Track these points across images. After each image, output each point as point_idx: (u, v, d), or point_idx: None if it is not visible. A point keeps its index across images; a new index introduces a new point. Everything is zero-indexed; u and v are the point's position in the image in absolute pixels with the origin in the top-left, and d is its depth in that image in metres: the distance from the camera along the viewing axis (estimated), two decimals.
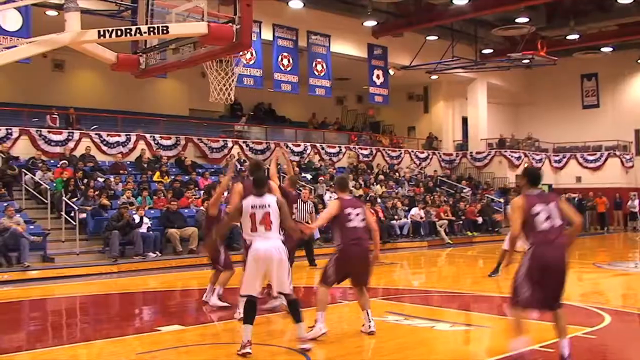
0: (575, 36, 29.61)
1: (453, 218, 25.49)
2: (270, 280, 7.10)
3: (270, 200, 7.06)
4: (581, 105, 36.66)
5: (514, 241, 6.87)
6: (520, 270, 6.66)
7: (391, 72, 29.00)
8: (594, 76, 36.11)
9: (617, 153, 33.50)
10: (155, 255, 17.27)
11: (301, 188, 18.25)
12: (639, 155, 34.46)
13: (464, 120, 35.22)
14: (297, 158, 26.39)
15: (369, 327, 7.93)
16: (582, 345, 7.68)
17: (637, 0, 24.91)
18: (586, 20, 28.91)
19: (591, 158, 33.98)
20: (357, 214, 7.77)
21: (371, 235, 7.89)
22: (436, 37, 29.30)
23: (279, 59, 24.40)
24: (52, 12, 18.53)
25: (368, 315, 7.97)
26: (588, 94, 36.55)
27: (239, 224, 7.50)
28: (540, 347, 7.16)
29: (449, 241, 24.03)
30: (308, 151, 27.41)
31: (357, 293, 8.00)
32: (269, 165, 11.53)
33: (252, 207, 7.00)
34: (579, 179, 33.84)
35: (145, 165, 21.79)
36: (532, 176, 6.83)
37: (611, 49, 32.44)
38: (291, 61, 24.65)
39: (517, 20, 27.48)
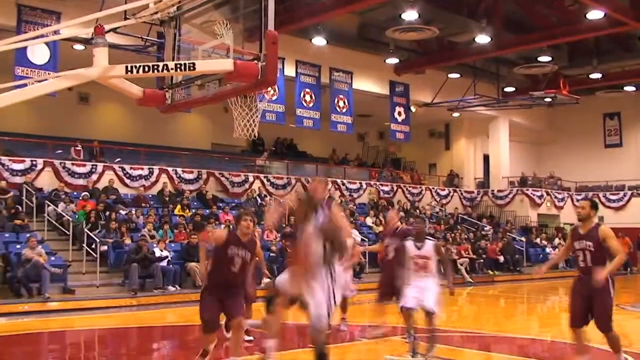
0: (598, 75, 29.54)
1: (474, 256, 25.28)
2: None
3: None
4: (604, 144, 36.45)
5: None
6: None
7: (413, 109, 29.08)
8: (616, 115, 35.96)
9: None
10: (174, 288, 17.27)
11: None
12: None
13: (486, 158, 35.13)
14: None
15: None
16: None
17: None
18: (609, 59, 28.90)
19: (614, 197, 33.66)
20: None
21: None
22: (458, 75, 29.38)
23: (302, 95, 24.56)
24: (79, 47, 18.83)
25: None
26: (611, 133, 36.36)
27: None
28: None
29: (470, 280, 23.82)
30: (329, 187, 27.38)
31: None
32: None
33: None
34: (601, 219, 33.45)
35: (167, 199, 21.91)
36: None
37: (634, 88, 32.32)
38: (313, 97, 24.80)
39: (539, 59, 27.51)
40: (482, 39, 24.42)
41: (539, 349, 9.87)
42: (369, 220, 25.76)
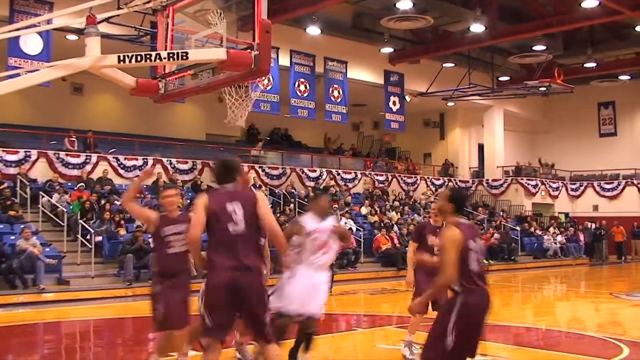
0: (593, 64, 29.56)
1: None
2: None
3: None
4: (598, 134, 36.48)
5: None
6: None
7: (407, 98, 29.04)
8: (611, 104, 35.97)
9: (635, 181, 33.20)
10: None
11: None
12: None
13: (480, 147, 35.14)
14: (312, 183, 26.41)
15: None
16: None
17: None
18: (603, 48, 28.92)
19: (608, 186, 33.73)
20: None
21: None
22: (453, 64, 29.35)
23: (296, 85, 24.50)
24: (72, 37, 18.72)
25: None
26: (605, 122, 36.39)
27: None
28: None
29: None
30: (324, 177, 27.42)
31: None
32: None
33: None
34: (595, 208, 33.59)
35: (162, 189, 21.85)
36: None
37: (629, 77, 32.33)
38: (308, 87, 24.74)
39: (534, 48, 27.50)
40: (477, 28, 24.38)
41: (534, 338, 9.89)
42: (364, 210, 25.77)
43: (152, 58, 6.56)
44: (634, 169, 33.68)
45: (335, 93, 25.56)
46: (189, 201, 21.39)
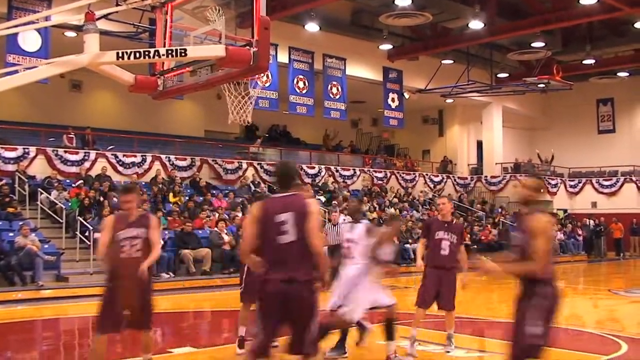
0: (591, 61, 29.58)
1: (469, 242, 25.30)
2: None
3: None
4: (597, 130, 36.53)
5: None
6: None
7: (406, 95, 29.03)
8: (609, 101, 36.00)
9: (634, 178, 33.23)
10: (168, 276, 17.26)
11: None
12: None
13: (479, 144, 35.16)
14: (310, 180, 26.41)
15: None
16: None
17: None
18: (602, 45, 28.96)
19: (607, 183, 33.75)
20: None
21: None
22: (451, 61, 29.34)
23: (295, 82, 24.49)
24: (70, 34, 18.70)
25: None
26: (604, 119, 36.42)
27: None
28: None
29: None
30: (322, 173, 27.42)
31: None
32: None
33: None
34: (594, 204, 33.59)
35: (161, 186, 21.87)
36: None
37: (627, 74, 32.34)
38: (307, 84, 24.73)
39: (532, 45, 27.51)
40: (476, 24, 24.39)
41: None
42: (363, 207, 25.75)
43: (151, 55, 6.55)
44: (632, 165, 33.70)
45: (334, 90, 25.55)
46: (187, 198, 21.43)
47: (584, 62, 29.74)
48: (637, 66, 30.89)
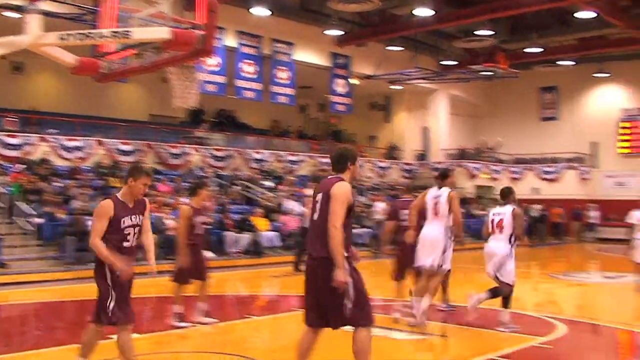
0: (536, 49, 29.95)
1: None
2: None
3: None
4: (540, 118, 37.23)
5: None
6: None
7: (354, 81, 29.13)
8: (553, 89, 36.70)
9: (575, 165, 34.03)
10: None
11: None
12: (595, 167, 34.94)
13: (425, 131, 35.51)
14: (257, 165, 26.33)
15: None
16: (539, 354, 7.79)
17: (597, 15, 25.28)
18: (548, 34, 29.35)
19: (549, 170, 34.46)
20: None
21: None
22: (399, 48, 29.52)
23: (242, 66, 24.33)
24: (12, 14, 18.17)
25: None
26: (547, 107, 37.13)
27: None
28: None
29: None
30: (270, 159, 27.35)
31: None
32: None
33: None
34: (536, 191, 34.28)
35: (104, 171, 21.53)
36: None
37: (572, 63, 32.95)
38: (254, 69, 24.59)
39: (479, 33, 27.79)
40: (423, 11, 24.54)
41: (473, 317, 10.05)
42: (309, 192, 25.78)
43: (95, 37, 6.43)
44: (574, 152, 34.47)
45: (282, 75, 25.50)
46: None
47: (532, 50, 29.95)
48: (582, 55, 31.52)
